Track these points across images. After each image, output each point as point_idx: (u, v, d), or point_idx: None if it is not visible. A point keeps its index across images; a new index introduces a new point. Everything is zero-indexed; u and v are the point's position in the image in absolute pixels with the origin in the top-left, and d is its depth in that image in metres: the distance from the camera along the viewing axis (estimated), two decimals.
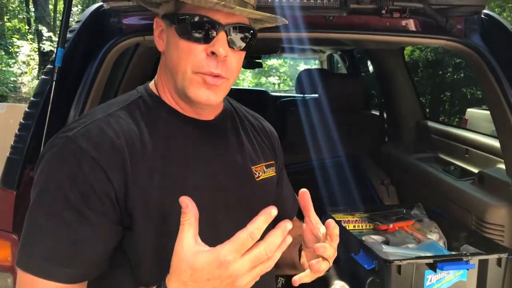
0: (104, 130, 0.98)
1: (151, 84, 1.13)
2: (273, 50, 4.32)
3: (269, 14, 1.02)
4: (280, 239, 0.78)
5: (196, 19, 0.98)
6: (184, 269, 0.79)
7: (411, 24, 1.94)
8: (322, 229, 1.03)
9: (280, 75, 21.46)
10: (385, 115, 3.57)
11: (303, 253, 1.12)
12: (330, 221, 0.99)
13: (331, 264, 1.01)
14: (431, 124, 3.04)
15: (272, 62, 19.77)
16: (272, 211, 0.78)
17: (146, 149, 1.00)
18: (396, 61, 3.20)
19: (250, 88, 13.19)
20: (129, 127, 1.01)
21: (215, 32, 0.98)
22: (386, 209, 2.33)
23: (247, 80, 20.42)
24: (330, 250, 0.98)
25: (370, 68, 4.46)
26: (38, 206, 0.93)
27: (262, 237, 0.79)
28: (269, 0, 1.85)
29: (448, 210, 2.26)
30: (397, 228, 2.16)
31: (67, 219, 0.90)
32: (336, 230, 0.99)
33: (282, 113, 3.82)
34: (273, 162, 1.25)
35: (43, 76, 1.67)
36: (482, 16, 1.96)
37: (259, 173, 1.18)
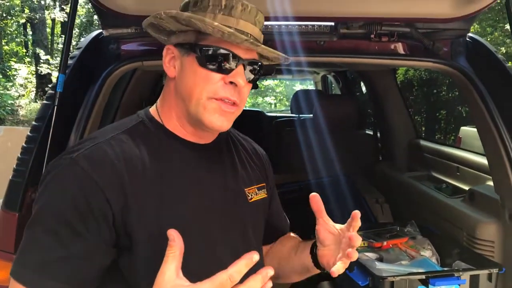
0: (106, 153, 1.03)
1: (152, 109, 1.19)
2: (268, 72, 4.42)
3: (282, 54, 1.12)
4: (260, 284, 0.81)
5: (220, 51, 1.05)
6: None
7: (399, 47, 2.02)
8: (337, 226, 1.14)
9: (277, 95, 21.66)
10: (378, 135, 3.64)
11: (320, 252, 1.18)
12: (356, 212, 1.09)
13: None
14: (423, 143, 3.10)
15: (268, 82, 19.96)
16: (254, 256, 0.81)
17: (146, 172, 1.05)
18: (387, 81, 3.28)
19: (247, 108, 13.31)
20: (130, 151, 1.06)
21: (235, 65, 1.06)
22: (380, 227, 2.37)
23: None
24: (358, 238, 1.06)
25: (363, 88, 4.55)
26: (36, 222, 0.99)
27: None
28: (269, 27, 1.94)
29: (441, 227, 2.30)
30: (391, 245, 2.19)
31: (62, 236, 0.96)
32: (358, 221, 1.08)
33: (278, 133, 3.89)
34: (264, 184, 1.31)
35: (44, 101, 1.73)
36: (467, 39, 2.04)
37: (251, 195, 1.24)
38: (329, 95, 4.76)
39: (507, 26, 12.25)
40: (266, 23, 1.92)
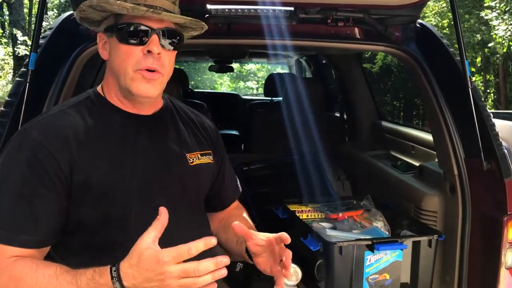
0: (53, 123, 1.23)
1: (99, 88, 1.37)
2: (241, 55, 4.54)
3: (190, 18, 1.28)
4: (212, 266, 0.99)
5: (132, 27, 1.22)
6: (135, 256, 1.03)
7: (354, 32, 2.17)
8: (263, 235, 1.28)
9: (258, 80, 21.70)
10: (345, 117, 3.80)
11: (255, 260, 1.32)
12: (286, 238, 1.23)
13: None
14: (384, 124, 3.28)
15: (250, 67, 19.99)
16: (212, 240, 1.01)
17: (90, 138, 1.24)
18: (353, 66, 3.44)
19: (223, 91, 13.46)
20: (75, 121, 1.26)
21: (148, 35, 1.22)
22: (338, 201, 2.53)
23: (225, 84, 20.57)
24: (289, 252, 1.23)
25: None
26: (1, 185, 1.17)
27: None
28: (225, 10, 2.05)
29: (394, 200, 2.48)
30: (346, 217, 2.36)
31: (24, 194, 1.14)
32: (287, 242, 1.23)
33: (250, 115, 4.03)
34: (210, 151, 1.47)
35: (17, 78, 1.83)
36: (417, 25, 2.19)
37: (193, 159, 1.40)
38: (298, 79, 4.90)
39: (482, 13, 12.52)
40: (234, 7, 2.06)
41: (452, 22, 13.54)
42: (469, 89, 1.87)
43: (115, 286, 1.03)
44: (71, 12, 2.07)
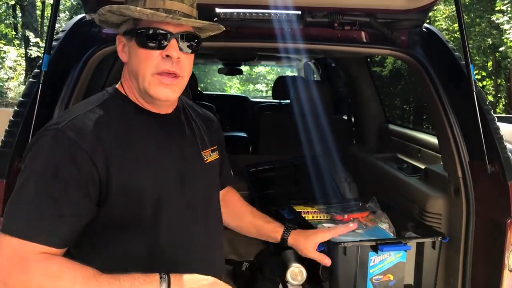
0: (86, 123, 1.22)
1: (118, 86, 1.38)
2: (250, 57, 4.59)
3: (208, 22, 1.30)
4: None
5: (151, 31, 1.24)
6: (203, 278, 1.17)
7: (360, 35, 2.20)
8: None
9: (268, 82, 21.75)
10: (352, 120, 3.83)
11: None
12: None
13: None
14: (391, 127, 3.30)
15: (260, 69, 20.04)
16: None
17: (121, 138, 1.25)
18: (361, 69, 3.47)
19: (232, 94, 13.55)
20: (105, 120, 1.25)
21: (167, 40, 1.24)
22: (344, 202, 2.56)
23: (234, 87, 20.65)
24: None
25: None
26: (30, 183, 1.14)
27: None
28: (234, 14, 2.09)
29: (400, 203, 2.50)
30: (351, 218, 2.38)
31: (54, 195, 1.13)
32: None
33: (258, 117, 4.07)
34: (216, 146, 1.52)
35: (31, 79, 1.88)
36: (423, 29, 2.22)
37: (207, 157, 1.45)
38: (306, 81, 4.94)
39: (493, 17, 12.46)
40: (242, 10, 2.10)
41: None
42: (474, 92, 1.89)
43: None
44: (83, 14, 2.13)
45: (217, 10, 2.05)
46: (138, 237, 1.25)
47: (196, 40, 1.31)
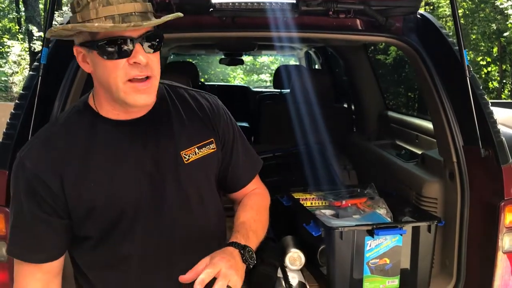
0: (41, 150, 1.30)
1: (90, 97, 1.37)
2: (250, 47, 4.60)
3: (166, 19, 1.23)
4: None
5: (113, 42, 1.18)
6: None
7: (355, 23, 2.22)
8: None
9: (272, 72, 21.67)
10: (352, 107, 3.85)
11: None
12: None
13: None
14: (390, 114, 3.32)
15: (264, 59, 19.98)
16: None
17: (81, 156, 1.30)
18: (360, 57, 3.48)
19: (233, 84, 13.56)
20: (64, 142, 1.31)
21: (131, 46, 1.19)
22: (343, 189, 2.59)
23: (238, 77, 20.61)
24: None
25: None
26: (12, 208, 1.32)
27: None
28: (230, 4, 2.12)
29: (397, 188, 2.53)
30: (349, 204, 2.42)
31: (28, 220, 1.28)
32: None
33: (259, 107, 4.10)
34: (211, 139, 1.43)
35: (30, 72, 1.92)
36: (418, 16, 2.23)
37: (189, 156, 1.37)
38: (306, 70, 4.95)
39: (497, 2, 12.34)
40: (237, 0, 2.12)
41: (467, 12, 13.42)
42: (467, 78, 1.91)
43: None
44: None
45: (212, 0, 2.07)
46: (114, 250, 1.33)
47: (158, 39, 1.26)
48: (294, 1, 2.13)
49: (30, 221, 1.28)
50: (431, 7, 14.25)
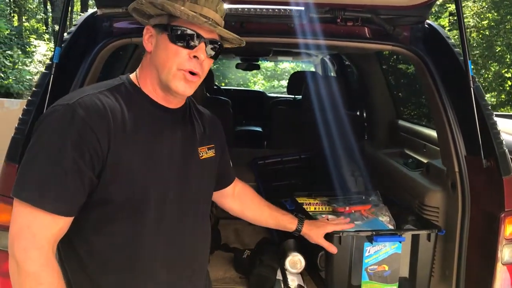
0: (95, 103, 1.30)
1: (132, 75, 1.46)
2: (265, 53, 4.65)
3: (236, 36, 1.41)
4: None
5: (186, 31, 1.34)
6: None
7: (363, 31, 2.24)
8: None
9: None
10: (364, 115, 3.86)
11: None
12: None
13: None
14: (400, 122, 3.32)
15: (285, 66, 20.01)
16: None
17: (124, 122, 1.33)
18: (372, 65, 3.49)
19: (249, 89, 13.68)
20: (113, 104, 1.34)
21: (197, 42, 1.35)
22: (347, 195, 2.60)
23: (259, 83, 20.68)
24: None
25: None
26: (40, 155, 1.24)
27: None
28: (239, 10, 2.16)
29: (402, 197, 2.53)
30: (353, 211, 2.43)
31: (64, 166, 1.23)
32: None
33: (272, 112, 4.14)
34: (213, 145, 1.59)
35: (43, 71, 1.99)
36: (425, 25, 2.24)
37: (202, 153, 1.53)
38: (320, 77, 4.97)
39: None
40: (246, 6, 2.16)
41: (492, 24, 13.23)
42: (471, 88, 1.92)
43: None
44: (95, 10, 2.23)
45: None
46: (125, 223, 1.34)
47: (219, 48, 1.41)
48: (303, 8, 2.17)
49: (66, 169, 1.22)
50: (455, 18, 14.10)
